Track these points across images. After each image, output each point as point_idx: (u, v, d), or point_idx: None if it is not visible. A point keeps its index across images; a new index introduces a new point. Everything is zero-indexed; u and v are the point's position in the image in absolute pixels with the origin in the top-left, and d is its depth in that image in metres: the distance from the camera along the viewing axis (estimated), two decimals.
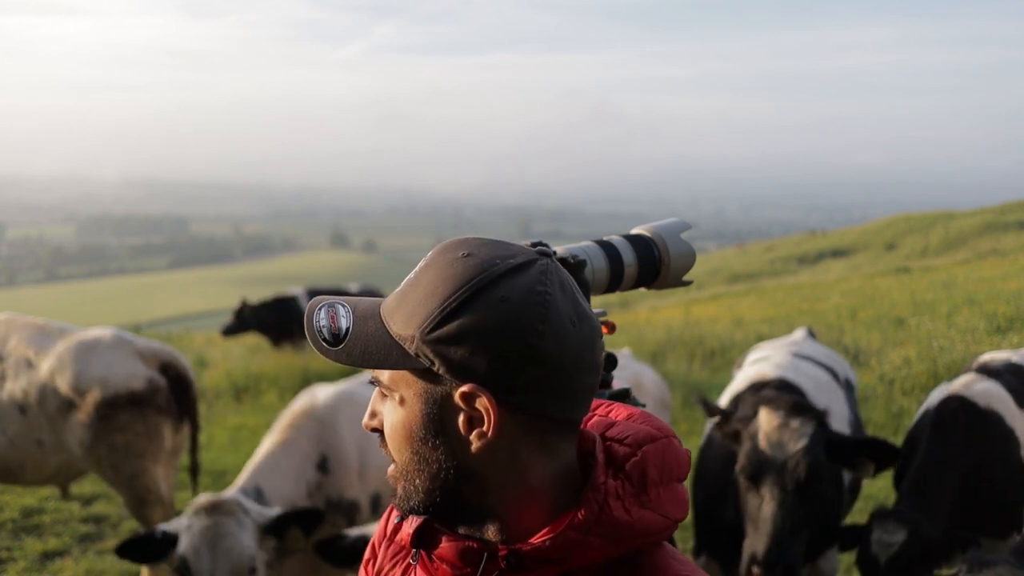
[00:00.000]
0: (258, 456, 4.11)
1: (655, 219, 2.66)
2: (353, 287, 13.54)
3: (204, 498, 3.61)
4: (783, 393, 3.72)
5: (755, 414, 3.49)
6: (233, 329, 12.53)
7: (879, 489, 6.30)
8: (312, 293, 12.88)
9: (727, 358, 10.16)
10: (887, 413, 7.77)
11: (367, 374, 4.91)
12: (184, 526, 3.55)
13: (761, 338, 9.47)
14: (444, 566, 1.22)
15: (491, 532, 1.21)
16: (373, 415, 1.24)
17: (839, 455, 3.40)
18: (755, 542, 3.33)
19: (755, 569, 3.24)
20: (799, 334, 5.12)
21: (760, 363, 4.31)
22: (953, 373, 8.02)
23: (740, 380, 4.15)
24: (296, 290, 13.07)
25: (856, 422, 4.27)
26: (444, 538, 1.21)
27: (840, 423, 4.04)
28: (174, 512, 4.56)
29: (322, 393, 4.42)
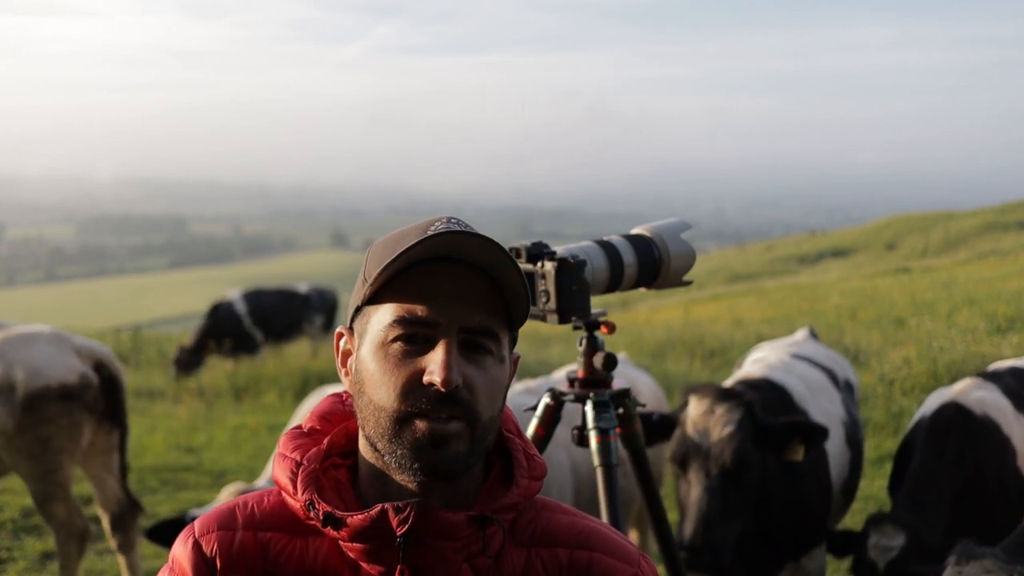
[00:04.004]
0: None
1: (655, 219, 2.66)
2: (303, 287, 13.41)
3: (236, 486, 3.57)
4: (749, 387, 3.72)
5: (686, 403, 3.50)
6: (182, 372, 11.74)
7: (879, 489, 6.29)
8: (249, 296, 12.70)
9: (727, 358, 10.16)
10: (887, 413, 7.76)
11: None
12: None
13: (761, 338, 9.47)
14: (444, 543, 1.21)
15: (464, 497, 1.26)
16: (460, 373, 1.19)
17: (768, 441, 3.38)
18: (683, 528, 3.34)
19: (683, 554, 3.24)
20: (800, 335, 5.11)
21: (756, 364, 4.31)
22: (953, 373, 8.01)
23: (730, 381, 4.15)
24: (232, 293, 12.89)
25: (853, 423, 4.25)
26: (442, 513, 1.20)
27: (834, 424, 4.01)
28: (76, 510, 4.55)
29: (333, 392, 4.42)
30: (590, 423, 2.51)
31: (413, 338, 1.20)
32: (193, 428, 8.95)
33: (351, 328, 1.30)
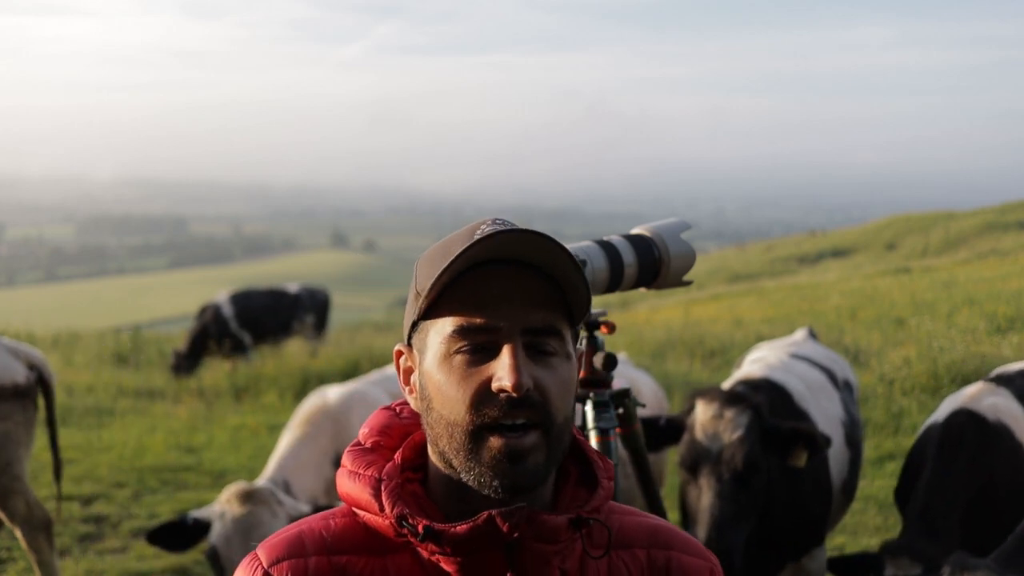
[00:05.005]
0: (281, 450, 4.10)
1: (655, 219, 2.66)
2: (293, 287, 13.37)
3: (238, 486, 3.58)
4: (746, 389, 3.72)
5: (693, 407, 3.50)
6: (182, 372, 11.78)
7: (879, 489, 6.29)
8: (236, 298, 12.66)
9: (727, 358, 10.16)
10: (887, 413, 7.76)
11: (375, 374, 4.93)
12: (217, 514, 3.50)
13: (761, 338, 9.47)
14: (546, 547, 1.18)
15: (542, 502, 1.24)
16: (529, 376, 1.16)
17: (773, 444, 3.39)
18: (695, 533, 3.34)
19: None
20: (800, 335, 5.11)
21: (755, 363, 4.31)
22: (953, 373, 8.02)
23: (729, 381, 4.15)
24: (220, 296, 12.84)
25: (852, 423, 4.25)
26: (546, 516, 1.18)
27: (833, 424, 4.02)
28: (36, 502, 4.58)
29: (333, 393, 4.44)
30: (590, 423, 2.51)
31: (476, 347, 1.17)
32: (193, 428, 8.94)
33: (409, 344, 1.26)
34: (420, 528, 1.17)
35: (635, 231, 2.61)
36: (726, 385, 3.95)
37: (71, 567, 5.35)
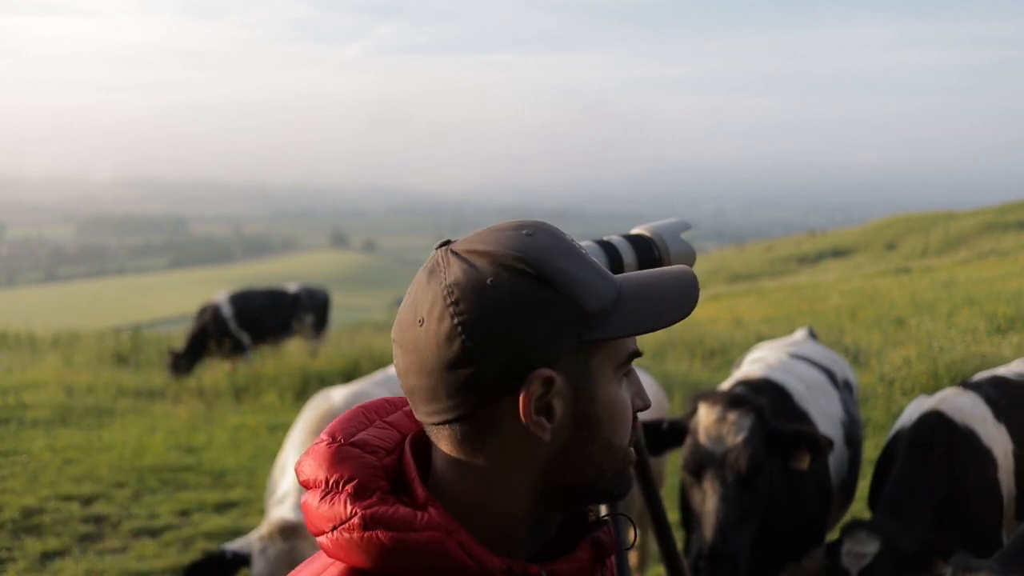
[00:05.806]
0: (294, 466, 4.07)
1: (655, 219, 2.65)
2: (292, 287, 13.36)
3: (279, 520, 3.53)
4: (747, 390, 3.72)
5: (695, 410, 3.50)
6: (180, 372, 11.74)
7: None
8: (235, 298, 12.64)
9: (727, 358, 10.16)
10: (887, 413, 7.77)
11: (378, 374, 4.91)
12: (258, 549, 3.48)
13: (761, 338, 9.48)
14: (599, 565, 1.15)
15: None
16: None
17: (777, 447, 3.40)
18: (701, 537, 3.35)
19: (701, 563, 3.24)
20: (800, 334, 5.11)
21: (755, 363, 4.31)
22: (953, 373, 8.02)
23: (729, 381, 4.15)
24: (219, 296, 12.82)
25: (851, 423, 4.25)
26: (600, 533, 1.15)
27: (832, 424, 4.02)
28: None
29: (337, 395, 4.36)
30: None
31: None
32: (193, 428, 8.94)
33: (552, 367, 1.04)
34: (541, 573, 1.04)
35: (635, 231, 2.61)
36: (726, 385, 3.94)
37: (71, 567, 5.35)
